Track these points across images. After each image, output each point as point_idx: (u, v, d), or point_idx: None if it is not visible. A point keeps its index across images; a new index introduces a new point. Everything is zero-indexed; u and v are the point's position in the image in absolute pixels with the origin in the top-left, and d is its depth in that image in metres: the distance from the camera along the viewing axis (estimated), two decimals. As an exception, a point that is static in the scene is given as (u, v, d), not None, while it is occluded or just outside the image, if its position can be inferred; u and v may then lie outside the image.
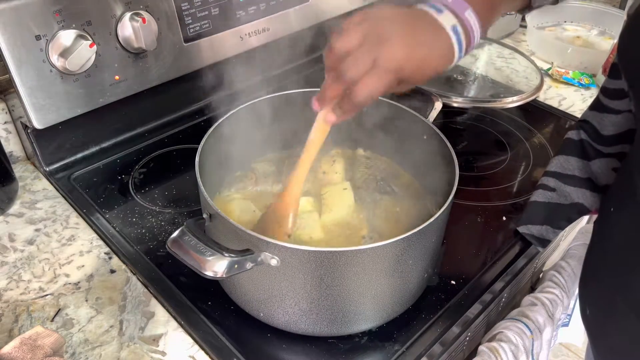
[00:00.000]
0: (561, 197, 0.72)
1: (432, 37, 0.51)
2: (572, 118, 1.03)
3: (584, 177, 0.71)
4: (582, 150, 0.71)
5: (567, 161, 0.72)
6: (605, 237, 0.61)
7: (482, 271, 0.71)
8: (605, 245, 0.61)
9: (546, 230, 0.73)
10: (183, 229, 0.53)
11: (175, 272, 0.67)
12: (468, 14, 0.52)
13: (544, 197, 0.74)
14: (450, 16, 0.51)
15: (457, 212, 0.71)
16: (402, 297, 0.62)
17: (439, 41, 0.51)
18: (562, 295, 0.86)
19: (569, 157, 0.72)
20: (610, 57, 1.10)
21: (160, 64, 0.86)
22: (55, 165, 0.84)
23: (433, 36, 0.51)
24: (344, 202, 0.70)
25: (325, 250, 0.53)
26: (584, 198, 0.71)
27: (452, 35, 0.51)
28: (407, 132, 0.71)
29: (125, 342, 0.61)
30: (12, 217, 0.77)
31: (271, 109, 0.72)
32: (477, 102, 0.98)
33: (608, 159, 0.68)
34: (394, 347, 0.61)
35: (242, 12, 0.93)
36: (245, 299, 0.62)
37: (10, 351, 0.50)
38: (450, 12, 0.51)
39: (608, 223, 0.61)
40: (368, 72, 0.49)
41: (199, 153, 0.62)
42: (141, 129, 0.92)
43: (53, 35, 0.73)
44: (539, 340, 0.79)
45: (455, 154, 0.63)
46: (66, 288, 0.67)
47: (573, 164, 0.71)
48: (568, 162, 0.72)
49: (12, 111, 0.83)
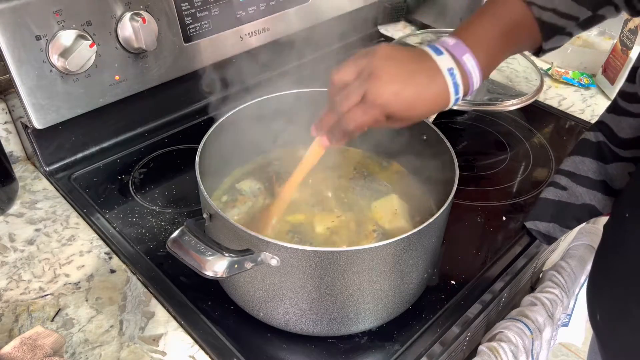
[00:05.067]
0: (572, 197, 0.72)
1: (426, 78, 0.53)
2: (572, 118, 1.03)
3: (597, 179, 0.70)
4: (599, 152, 0.70)
5: (582, 162, 0.71)
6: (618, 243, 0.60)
7: (482, 271, 0.71)
8: (619, 251, 0.60)
9: (553, 228, 0.73)
10: (183, 229, 0.53)
11: (175, 272, 0.67)
12: (466, 57, 0.53)
13: (554, 194, 0.73)
14: (448, 59, 0.53)
15: (457, 212, 0.72)
16: (402, 297, 0.62)
17: (434, 82, 0.53)
18: (562, 295, 0.86)
19: (584, 158, 0.71)
20: (610, 57, 1.10)
21: (160, 64, 0.86)
22: (55, 165, 0.84)
23: (427, 77, 0.53)
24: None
25: (325, 250, 0.53)
26: (596, 200, 0.70)
27: (448, 77, 0.53)
28: (407, 132, 0.71)
29: (125, 342, 0.61)
30: (12, 217, 0.77)
31: (271, 108, 0.72)
32: (477, 105, 0.98)
33: (625, 164, 0.67)
34: (394, 347, 0.61)
35: (242, 12, 0.93)
36: (245, 299, 0.62)
37: (10, 351, 0.50)
38: (449, 55, 0.53)
39: (622, 229, 0.60)
40: (357, 105, 0.53)
41: (199, 153, 0.62)
42: (141, 129, 0.92)
43: (53, 35, 0.73)
44: (539, 340, 0.79)
45: (455, 154, 0.63)
46: (66, 288, 0.67)
47: (588, 165, 0.71)
48: (583, 163, 0.71)
49: (12, 111, 0.83)
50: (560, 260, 0.92)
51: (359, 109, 0.53)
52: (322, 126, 0.58)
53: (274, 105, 0.72)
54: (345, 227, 0.68)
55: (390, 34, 1.30)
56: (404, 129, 0.71)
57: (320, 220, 0.68)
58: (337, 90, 0.55)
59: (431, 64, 0.53)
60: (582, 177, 0.71)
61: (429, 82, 0.53)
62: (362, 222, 0.68)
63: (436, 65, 0.53)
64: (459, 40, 0.54)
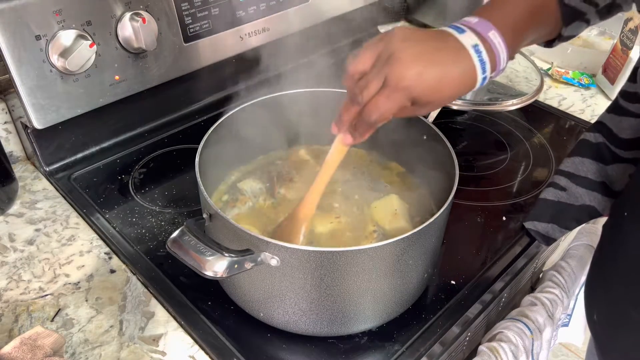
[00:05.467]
0: (571, 198, 0.72)
1: (450, 56, 0.49)
2: (572, 118, 1.03)
3: (597, 180, 0.70)
4: (599, 153, 0.69)
5: (582, 163, 0.71)
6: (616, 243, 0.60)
7: (482, 271, 0.71)
8: (617, 251, 0.60)
9: (552, 229, 0.73)
10: (183, 229, 0.53)
11: (175, 272, 0.67)
12: (492, 34, 0.50)
13: (553, 195, 0.73)
14: (472, 36, 0.50)
15: (457, 212, 0.72)
16: (402, 297, 0.62)
17: (459, 60, 0.49)
18: (562, 295, 0.86)
19: (584, 158, 0.71)
20: (610, 57, 1.10)
21: (160, 64, 0.86)
22: (55, 165, 0.84)
23: (451, 55, 0.49)
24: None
25: (325, 250, 0.53)
26: (596, 201, 0.70)
27: (474, 54, 0.49)
28: (407, 132, 0.71)
29: (125, 342, 0.61)
30: (12, 217, 0.77)
31: (272, 108, 0.72)
32: (477, 105, 0.98)
33: (626, 165, 0.67)
34: (394, 347, 0.61)
35: (242, 12, 0.93)
36: (245, 299, 0.62)
37: (10, 351, 0.50)
38: (472, 32, 0.50)
39: (621, 229, 0.59)
40: (378, 92, 0.49)
41: (199, 153, 0.62)
42: (141, 129, 0.92)
43: (53, 35, 0.73)
44: (539, 340, 0.79)
45: (455, 154, 0.63)
46: (66, 288, 0.67)
47: (587, 166, 0.70)
48: (582, 164, 0.71)
49: (12, 111, 0.83)
50: (560, 260, 0.92)
51: (381, 96, 0.49)
52: (343, 122, 0.54)
53: (274, 105, 0.72)
54: (345, 227, 0.68)
55: (390, 34, 1.29)
56: (404, 129, 0.71)
57: (320, 221, 0.68)
58: (354, 81, 0.51)
59: (454, 42, 0.50)
60: (581, 178, 0.71)
61: (454, 60, 0.49)
62: (362, 222, 0.68)
63: (459, 43, 0.49)
64: (481, 18, 0.51)
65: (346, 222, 0.68)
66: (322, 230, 0.67)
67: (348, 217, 0.69)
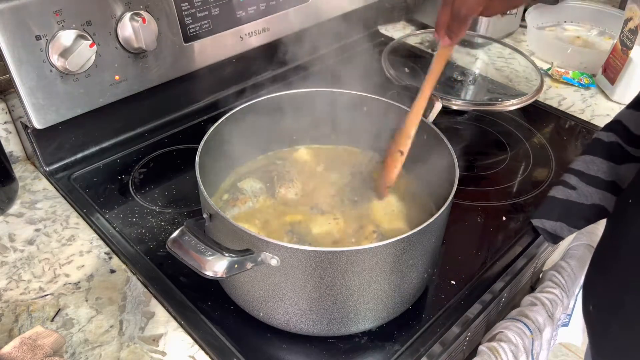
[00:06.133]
0: (581, 197, 0.72)
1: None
2: (572, 118, 1.03)
3: (608, 179, 0.70)
4: (611, 152, 0.69)
5: (593, 162, 0.71)
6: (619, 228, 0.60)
7: (482, 271, 0.71)
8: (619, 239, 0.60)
9: (560, 227, 0.73)
10: (183, 229, 0.53)
11: (175, 272, 0.67)
12: None
13: (563, 193, 0.73)
14: None
15: (457, 212, 0.72)
16: (402, 297, 0.62)
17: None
18: (562, 295, 0.86)
19: (595, 157, 0.71)
20: (610, 57, 1.10)
21: (160, 64, 0.86)
22: (55, 165, 0.84)
23: None
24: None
25: (325, 250, 0.53)
26: (606, 201, 0.70)
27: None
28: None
29: (125, 342, 0.61)
30: (12, 217, 0.77)
31: (271, 108, 0.72)
32: (477, 105, 0.98)
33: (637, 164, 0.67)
34: (394, 347, 0.61)
35: (242, 12, 0.93)
36: (245, 299, 0.62)
37: (10, 351, 0.50)
38: None
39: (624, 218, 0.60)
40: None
41: (199, 153, 0.62)
42: (141, 129, 0.92)
43: (53, 35, 0.73)
44: (539, 340, 0.79)
45: (455, 154, 0.63)
46: (66, 288, 0.67)
47: (598, 165, 0.70)
48: (593, 163, 0.71)
49: (12, 111, 0.83)
50: (560, 260, 0.92)
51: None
52: (441, 25, 0.60)
53: (274, 105, 0.72)
54: (344, 227, 0.67)
55: (390, 34, 1.30)
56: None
57: (320, 221, 0.68)
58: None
59: None
60: (592, 177, 0.71)
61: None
62: (361, 222, 0.68)
63: None
64: None
65: (345, 223, 0.68)
66: (321, 230, 0.67)
67: (347, 217, 0.69)
